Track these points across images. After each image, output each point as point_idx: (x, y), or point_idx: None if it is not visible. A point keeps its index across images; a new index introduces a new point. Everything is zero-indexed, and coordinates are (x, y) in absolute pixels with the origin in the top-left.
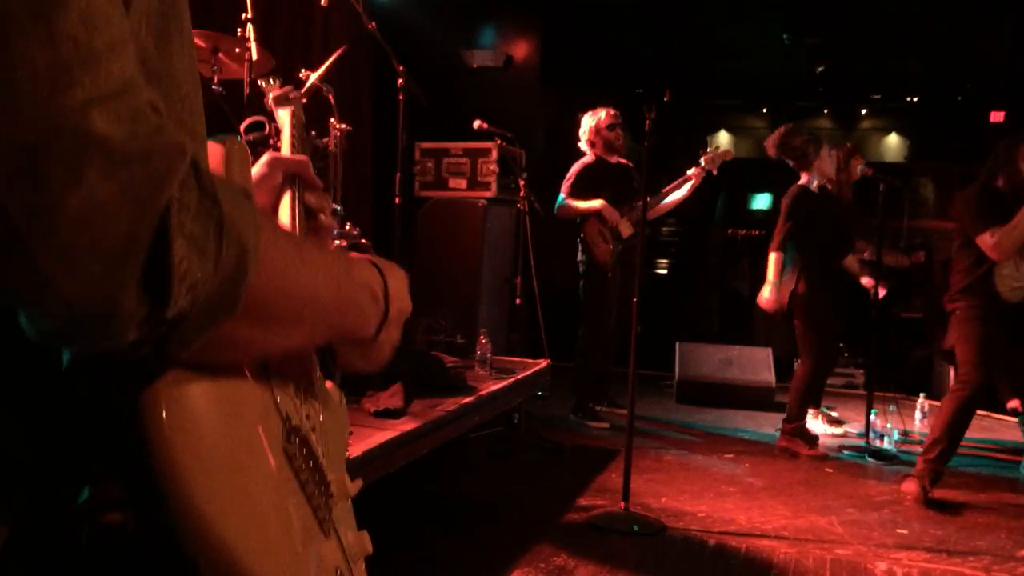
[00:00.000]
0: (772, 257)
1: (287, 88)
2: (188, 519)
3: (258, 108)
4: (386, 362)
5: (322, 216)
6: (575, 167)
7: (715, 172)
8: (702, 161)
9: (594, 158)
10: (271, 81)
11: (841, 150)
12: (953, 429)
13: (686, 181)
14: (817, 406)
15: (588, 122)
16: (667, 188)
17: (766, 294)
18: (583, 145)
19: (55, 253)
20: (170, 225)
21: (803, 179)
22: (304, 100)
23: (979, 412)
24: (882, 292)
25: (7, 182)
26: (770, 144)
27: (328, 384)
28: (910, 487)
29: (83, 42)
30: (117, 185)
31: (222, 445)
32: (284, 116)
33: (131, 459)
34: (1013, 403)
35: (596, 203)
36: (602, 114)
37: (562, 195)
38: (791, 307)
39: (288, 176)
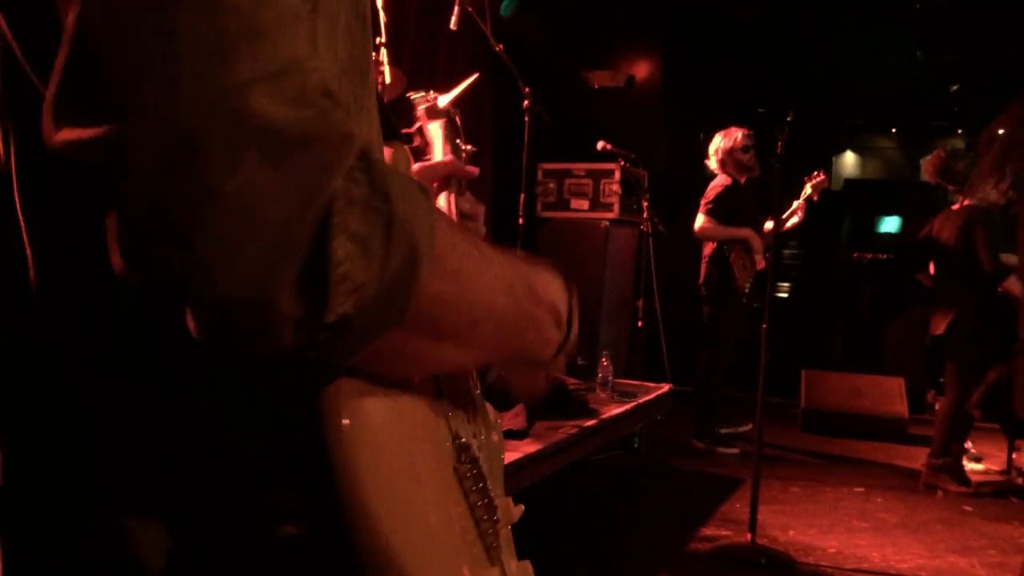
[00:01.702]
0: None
1: (434, 98)
2: (362, 529)
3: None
4: (545, 389)
5: (476, 222)
6: (714, 188)
7: (816, 199)
8: (808, 188)
9: (730, 180)
10: (422, 93)
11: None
12: None
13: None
14: (959, 442)
15: (721, 142)
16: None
17: None
18: (712, 164)
19: (210, 242)
20: (331, 222)
21: (965, 202)
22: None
23: None
24: None
25: (164, 167)
26: (928, 169)
27: (487, 405)
28: None
29: (247, 14)
30: (277, 173)
31: (398, 459)
32: (435, 129)
33: (310, 466)
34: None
35: (745, 231)
36: (738, 135)
37: (701, 216)
38: (942, 337)
39: (441, 183)
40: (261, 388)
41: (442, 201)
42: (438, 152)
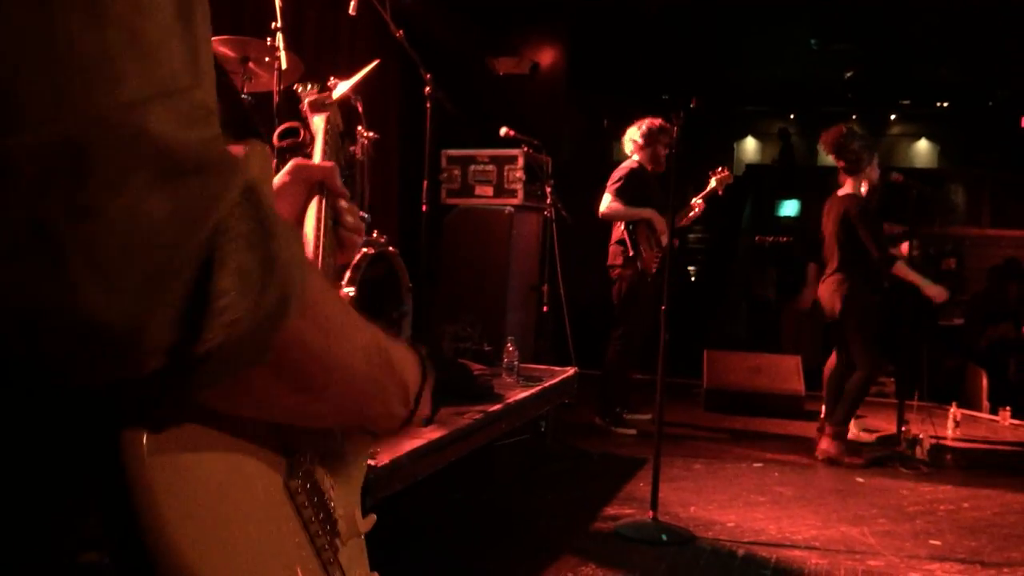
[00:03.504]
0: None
1: (324, 93)
2: (163, 561)
3: (289, 117)
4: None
5: (349, 224)
6: (621, 170)
7: (720, 193)
8: (712, 182)
9: (637, 164)
10: (308, 86)
11: None
12: None
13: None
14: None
15: (634, 132)
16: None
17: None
18: (627, 149)
19: (87, 263)
20: (217, 252)
21: (847, 186)
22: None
23: (1013, 420)
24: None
25: (44, 180)
26: (827, 141)
27: None
28: None
29: (136, 28)
30: (166, 197)
31: (208, 478)
32: (319, 122)
33: (106, 488)
34: None
35: (647, 211)
36: (648, 126)
37: (608, 196)
38: (843, 314)
39: (315, 184)
40: (81, 412)
41: (312, 208)
42: (319, 148)
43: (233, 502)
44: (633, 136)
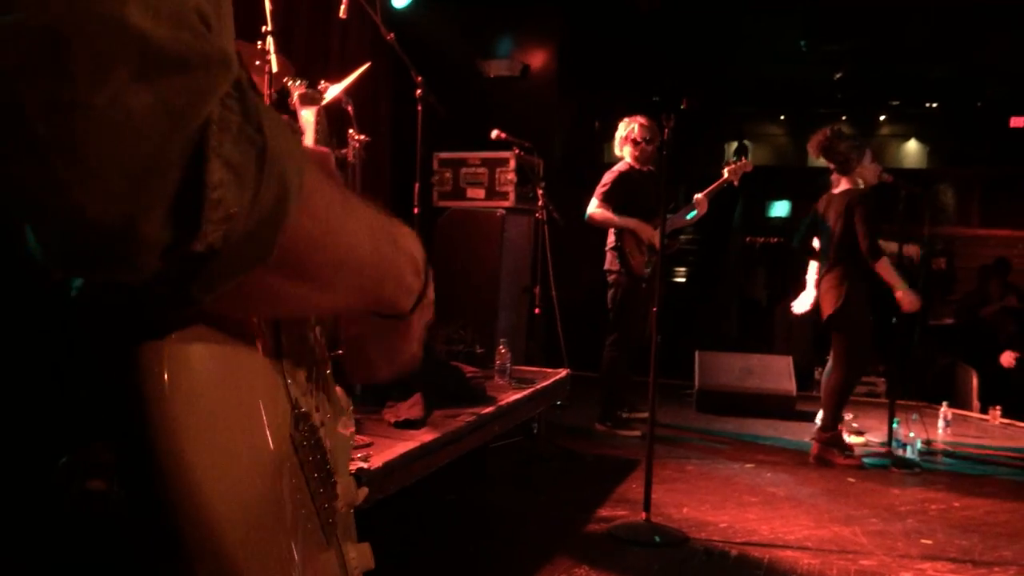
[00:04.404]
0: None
1: (313, 89)
2: (178, 490)
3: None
4: (409, 363)
5: None
6: (610, 174)
7: (736, 183)
8: (725, 172)
9: (627, 167)
10: (297, 82)
11: None
12: None
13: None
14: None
15: (623, 131)
16: (684, 209)
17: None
18: (617, 151)
19: (73, 158)
20: (207, 146)
21: (843, 184)
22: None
23: (1003, 419)
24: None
25: (24, 71)
26: (814, 145)
27: (337, 389)
28: None
29: None
30: (151, 90)
31: (225, 419)
32: (308, 116)
33: (123, 418)
34: None
35: (632, 221)
36: (635, 125)
37: (595, 201)
38: (839, 311)
39: None
40: (85, 325)
41: None
42: (308, 140)
43: (246, 440)
44: (621, 134)
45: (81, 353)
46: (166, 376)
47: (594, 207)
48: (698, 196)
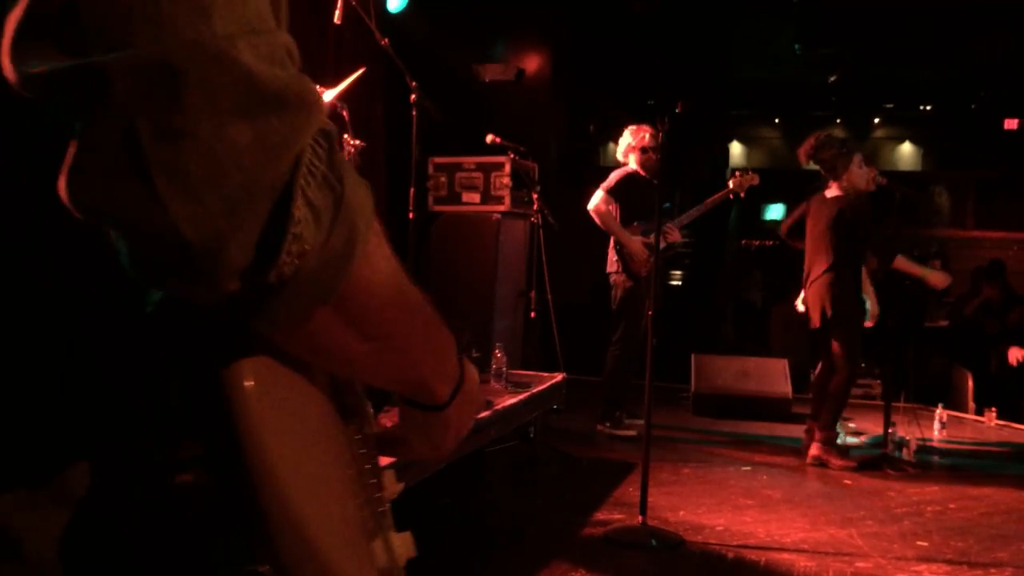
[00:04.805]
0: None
1: (321, 93)
2: (261, 478)
3: None
4: (449, 451)
5: None
6: (618, 173)
7: (742, 195)
8: (730, 184)
9: (633, 171)
10: None
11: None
12: None
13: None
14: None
15: (629, 139)
16: (697, 210)
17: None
18: (621, 158)
19: (175, 181)
20: (296, 184)
21: (833, 190)
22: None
23: (999, 421)
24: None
25: (142, 96)
26: (802, 152)
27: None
28: None
29: None
30: (251, 126)
31: (300, 418)
32: None
33: (212, 419)
34: None
35: (625, 236)
36: (644, 134)
37: (601, 194)
38: (833, 314)
39: None
40: (168, 338)
41: None
42: None
43: (317, 442)
44: (628, 141)
45: (163, 362)
46: (248, 387)
47: (599, 200)
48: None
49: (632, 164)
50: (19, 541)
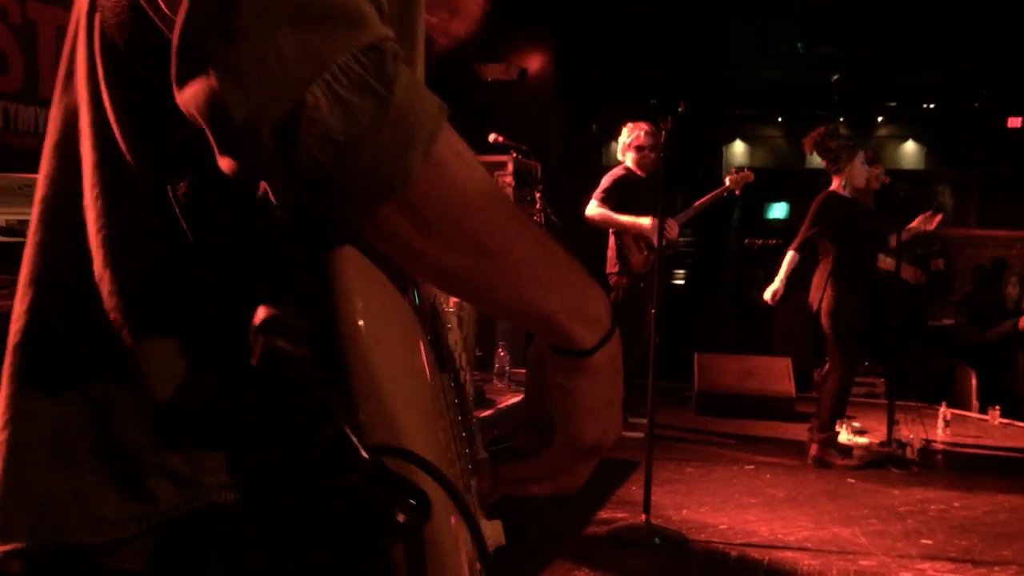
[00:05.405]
0: (788, 256)
1: None
2: (353, 352)
3: None
4: (615, 428)
5: None
6: (608, 177)
7: (737, 193)
8: (727, 181)
9: (625, 171)
10: None
11: None
12: None
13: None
14: (841, 416)
15: (626, 136)
16: (697, 204)
17: (773, 288)
18: (619, 156)
19: (228, 71)
20: (318, 77)
21: (834, 183)
22: None
23: (1002, 419)
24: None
25: (204, 9)
26: (808, 141)
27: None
28: None
29: None
30: (297, 32)
31: (404, 358)
32: None
33: (317, 297)
34: None
35: (627, 222)
36: (639, 132)
37: (594, 203)
38: (820, 315)
39: None
40: (287, 233)
41: None
42: None
43: (404, 350)
44: (624, 139)
45: (282, 248)
46: (362, 327)
47: (593, 208)
48: (696, 205)
49: (628, 163)
50: None
